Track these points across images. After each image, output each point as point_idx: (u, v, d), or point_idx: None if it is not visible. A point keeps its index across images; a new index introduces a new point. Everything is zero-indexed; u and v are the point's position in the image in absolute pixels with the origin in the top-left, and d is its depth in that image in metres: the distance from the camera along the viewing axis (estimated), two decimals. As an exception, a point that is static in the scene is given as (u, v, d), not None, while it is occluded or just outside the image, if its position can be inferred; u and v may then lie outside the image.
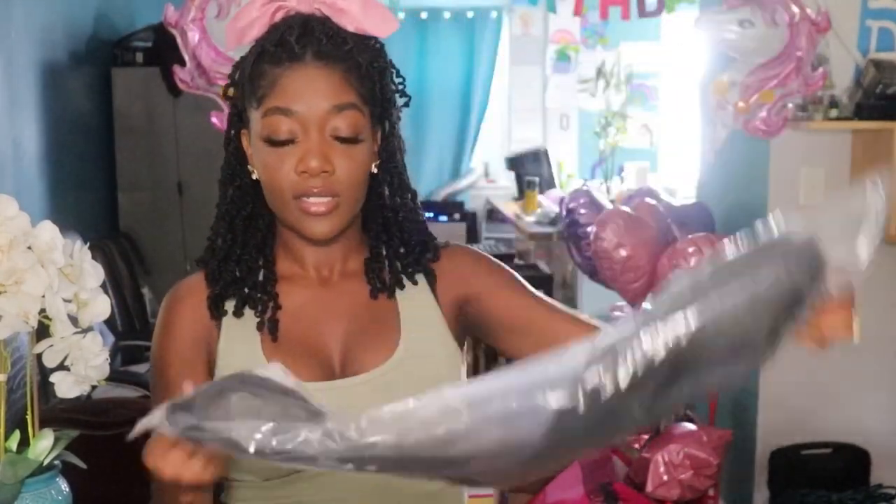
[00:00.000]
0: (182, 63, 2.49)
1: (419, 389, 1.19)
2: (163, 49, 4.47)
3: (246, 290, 1.25)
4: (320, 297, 1.27)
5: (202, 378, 1.21)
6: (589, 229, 3.14)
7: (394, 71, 1.26)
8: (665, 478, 2.67)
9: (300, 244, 1.26)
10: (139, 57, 4.78)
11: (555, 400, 0.85)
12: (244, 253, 1.25)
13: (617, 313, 3.18)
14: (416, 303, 1.29)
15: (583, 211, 3.27)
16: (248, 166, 1.24)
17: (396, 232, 1.29)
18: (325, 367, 1.23)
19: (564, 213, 3.43)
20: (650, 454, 2.73)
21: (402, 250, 1.29)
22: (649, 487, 2.69)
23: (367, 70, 1.20)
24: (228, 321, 1.24)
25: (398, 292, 1.28)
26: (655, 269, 2.91)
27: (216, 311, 1.24)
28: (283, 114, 1.17)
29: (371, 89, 1.21)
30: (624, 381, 0.84)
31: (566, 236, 3.44)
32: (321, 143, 1.17)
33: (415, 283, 1.29)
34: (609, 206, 3.32)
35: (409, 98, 1.29)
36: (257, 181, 1.24)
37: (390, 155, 1.26)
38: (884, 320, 3.20)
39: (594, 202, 3.33)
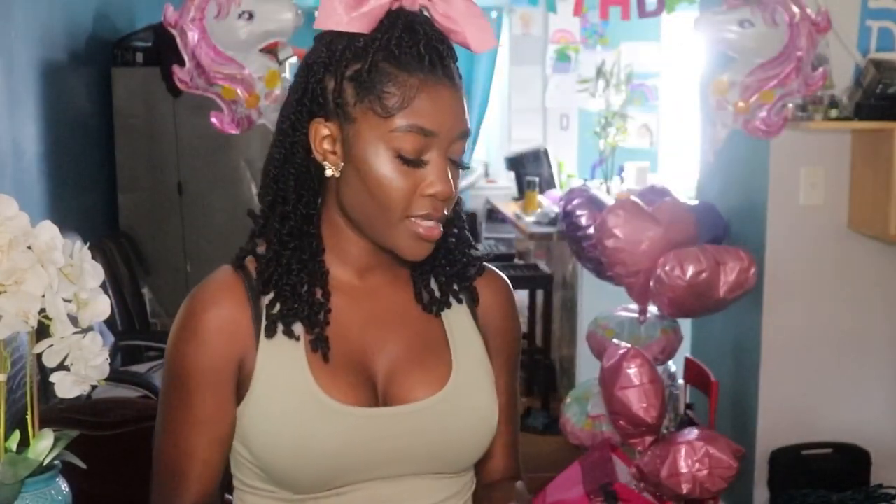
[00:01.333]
0: (182, 63, 2.49)
1: (467, 420, 1.20)
2: (163, 49, 4.47)
3: (297, 305, 1.17)
4: (366, 307, 1.22)
5: (229, 392, 1.16)
6: (590, 231, 3.13)
7: None
8: (683, 469, 2.67)
9: (352, 247, 1.20)
10: (139, 57, 4.78)
11: None
12: (299, 261, 1.17)
13: (622, 313, 3.15)
14: (461, 324, 1.25)
15: (580, 212, 3.25)
16: (322, 162, 1.16)
17: (444, 241, 1.23)
18: (368, 387, 1.18)
19: (562, 214, 3.40)
20: (672, 444, 2.72)
21: (443, 262, 1.25)
22: (664, 473, 2.68)
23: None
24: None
25: (444, 311, 1.25)
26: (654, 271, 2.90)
27: (269, 332, 1.16)
28: (424, 134, 1.11)
29: None
30: None
31: (567, 238, 3.42)
32: (451, 167, 1.14)
33: (459, 301, 1.26)
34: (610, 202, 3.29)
35: None
36: (307, 174, 1.17)
37: None
38: (884, 320, 3.20)
39: (593, 200, 3.30)
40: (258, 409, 1.16)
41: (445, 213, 1.15)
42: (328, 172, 1.16)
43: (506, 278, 1.33)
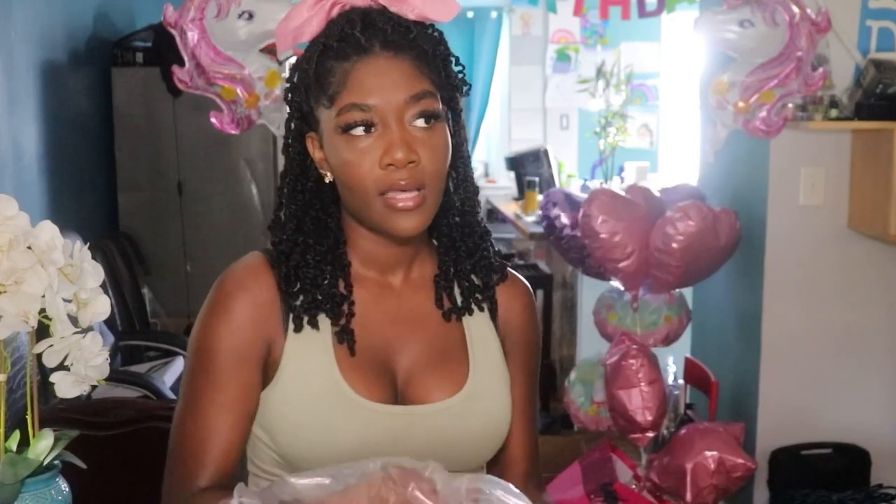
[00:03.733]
0: (182, 63, 2.49)
1: (481, 423, 1.21)
2: (163, 49, 4.47)
3: (320, 297, 1.20)
4: (388, 305, 1.24)
5: (256, 375, 1.18)
6: (566, 231, 3.13)
7: (454, 58, 1.23)
8: (705, 484, 2.69)
9: (371, 245, 1.23)
10: (139, 57, 4.78)
11: None
12: (317, 254, 1.21)
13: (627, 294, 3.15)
14: (481, 331, 1.27)
15: (555, 213, 3.22)
16: (321, 170, 1.21)
17: (463, 241, 1.26)
18: (388, 384, 1.20)
19: (543, 218, 3.35)
20: (682, 461, 2.73)
21: (468, 266, 1.27)
22: (689, 497, 2.70)
23: (434, 57, 1.18)
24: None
25: (465, 316, 1.27)
26: (647, 249, 2.90)
27: (297, 326, 1.18)
28: (360, 109, 1.13)
29: (440, 76, 1.18)
30: None
31: (550, 240, 3.38)
32: (403, 133, 1.14)
33: (481, 309, 1.28)
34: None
35: (470, 86, 1.25)
36: (323, 184, 1.21)
37: (457, 145, 1.23)
38: (884, 320, 3.20)
39: (569, 199, 3.28)
40: (283, 397, 1.18)
41: (420, 181, 1.15)
42: (326, 179, 1.21)
43: (526, 283, 1.35)
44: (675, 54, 6.94)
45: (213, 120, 2.59)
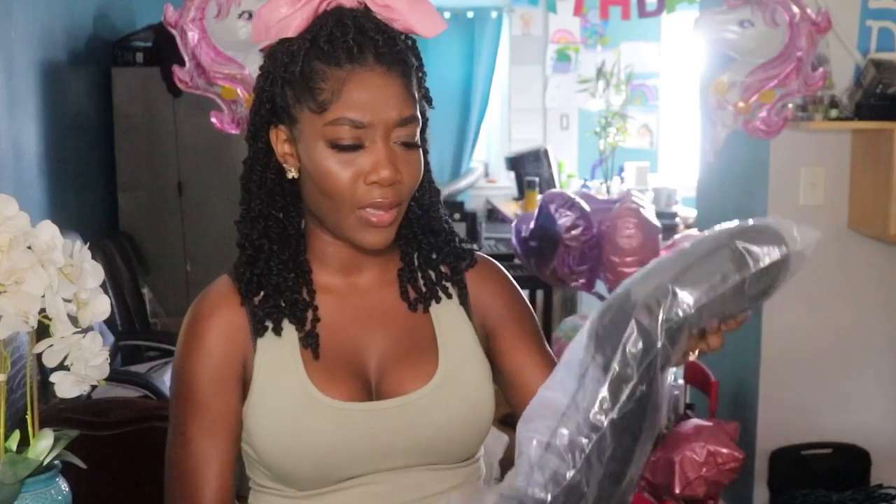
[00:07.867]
0: (182, 63, 2.49)
1: (457, 411, 1.21)
2: (163, 49, 4.47)
3: (283, 304, 1.20)
4: (354, 305, 1.24)
5: (235, 396, 1.19)
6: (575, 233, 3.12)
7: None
8: (692, 476, 2.68)
9: (332, 249, 1.23)
10: (139, 57, 4.78)
11: None
12: (279, 262, 1.21)
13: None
14: (450, 318, 1.27)
15: (569, 219, 3.17)
16: (284, 165, 1.20)
17: (425, 235, 1.27)
18: (361, 384, 1.20)
19: (539, 224, 3.25)
20: (671, 454, 2.73)
21: (434, 256, 1.27)
22: (677, 489, 2.69)
23: (416, 73, 1.18)
24: (265, 335, 1.21)
25: (433, 305, 1.26)
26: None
27: (259, 331, 1.19)
28: (354, 126, 1.12)
29: (419, 90, 1.18)
30: None
31: (542, 255, 3.29)
32: (389, 152, 1.14)
33: (449, 296, 1.28)
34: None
35: (430, 100, 1.24)
36: (284, 178, 1.20)
37: (423, 152, 1.23)
38: (884, 320, 3.20)
39: (574, 203, 3.24)
40: (258, 408, 1.19)
41: (400, 198, 1.16)
42: (289, 175, 1.20)
43: (496, 263, 1.34)
44: (675, 54, 6.95)
45: (213, 120, 2.59)
